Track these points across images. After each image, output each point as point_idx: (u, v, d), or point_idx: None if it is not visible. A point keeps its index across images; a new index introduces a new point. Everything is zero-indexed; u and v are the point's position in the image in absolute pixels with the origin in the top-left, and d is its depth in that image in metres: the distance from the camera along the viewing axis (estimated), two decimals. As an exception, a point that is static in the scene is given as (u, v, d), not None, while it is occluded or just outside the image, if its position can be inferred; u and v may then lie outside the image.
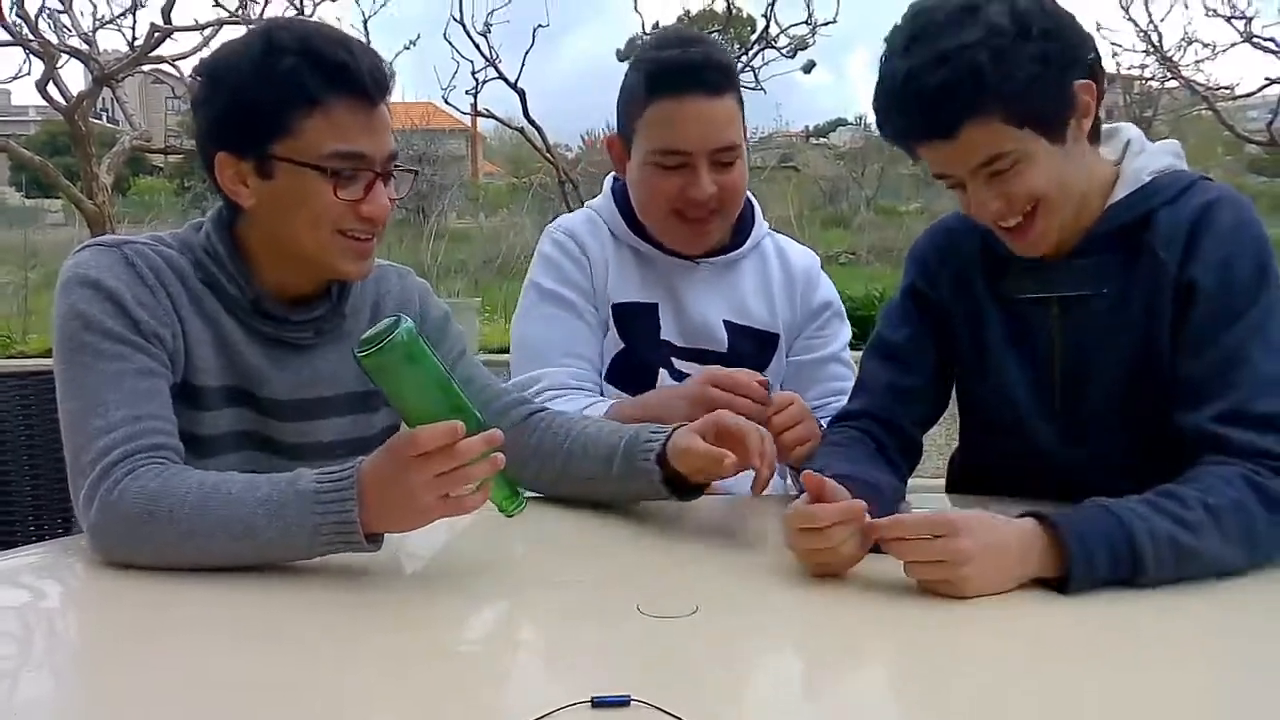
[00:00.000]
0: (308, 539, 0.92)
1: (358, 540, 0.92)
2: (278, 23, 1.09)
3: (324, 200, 1.05)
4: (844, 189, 17.94)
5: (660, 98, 1.34)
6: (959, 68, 0.98)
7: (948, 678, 0.77)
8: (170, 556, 0.94)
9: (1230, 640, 0.85)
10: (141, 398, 1.01)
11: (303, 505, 0.92)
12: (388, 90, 1.07)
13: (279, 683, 0.74)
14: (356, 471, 0.92)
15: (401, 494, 0.90)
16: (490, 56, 6.74)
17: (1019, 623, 0.85)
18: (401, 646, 0.81)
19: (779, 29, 7.39)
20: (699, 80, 1.32)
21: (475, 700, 0.74)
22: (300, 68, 1.02)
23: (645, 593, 0.91)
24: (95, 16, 6.09)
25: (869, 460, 1.15)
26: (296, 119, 1.03)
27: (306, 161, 1.04)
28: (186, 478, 0.96)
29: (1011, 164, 1.02)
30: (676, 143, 1.34)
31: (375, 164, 1.07)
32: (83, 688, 0.75)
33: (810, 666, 0.80)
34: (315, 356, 1.17)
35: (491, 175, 22.29)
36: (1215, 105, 8.23)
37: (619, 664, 0.78)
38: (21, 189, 19.90)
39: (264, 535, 0.92)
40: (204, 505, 0.93)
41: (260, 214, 1.09)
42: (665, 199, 1.38)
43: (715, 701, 0.71)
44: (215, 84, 1.07)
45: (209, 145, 1.08)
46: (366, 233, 1.09)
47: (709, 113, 1.34)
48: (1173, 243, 1.06)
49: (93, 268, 1.05)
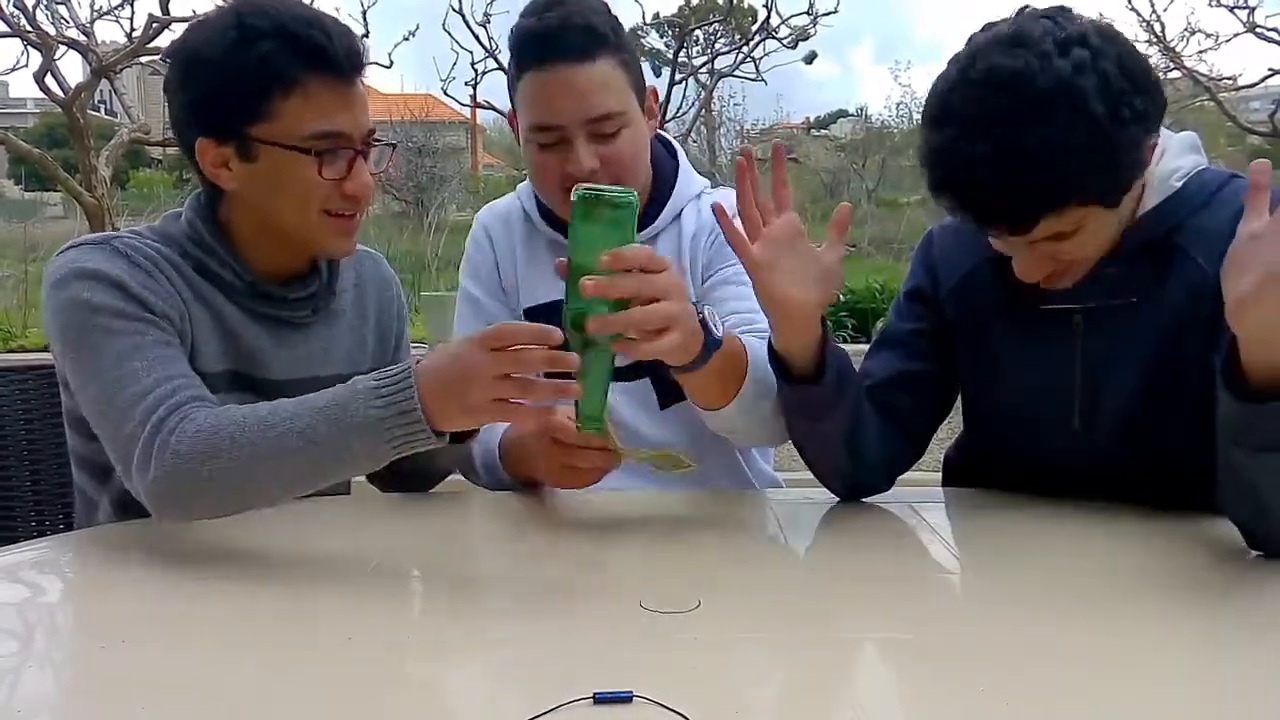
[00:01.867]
0: (372, 435, 0.90)
1: (423, 430, 0.89)
2: (246, 4, 1.06)
3: (309, 180, 1.05)
4: (845, 181, 17.93)
5: (526, 70, 1.25)
6: (1046, 168, 0.90)
7: (953, 673, 0.76)
8: (241, 486, 0.93)
9: (1230, 640, 0.84)
10: (169, 362, 1.01)
11: (362, 402, 0.90)
12: (363, 67, 1.08)
13: (279, 679, 0.74)
14: (412, 364, 0.92)
15: (458, 386, 0.88)
16: (490, 47, 6.74)
17: (1029, 619, 0.85)
18: (402, 643, 0.81)
19: (780, 20, 7.37)
20: (558, 46, 1.21)
21: (477, 696, 0.74)
22: (276, 51, 1.02)
23: (647, 588, 0.91)
24: (93, 8, 6.09)
25: (880, 435, 1.13)
26: (275, 102, 1.03)
27: (289, 144, 1.04)
28: (240, 409, 0.96)
29: (1072, 233, 0.99)
30: (546, 117, 1.24)
31: (355, 141, 1.08)
32: (83, 684, 0.75)
33: (814, 662, 0.79)
34: (311, 335, 1.18)
35: (491, 167, 22.26)
36: (1218, 96, 8.20)
37: (621, 660, 0.78)
38: (20, 182, 19.87)
39: (329, 442, 0.91)
40: (266, 424, 0.93)
41: (244, 196, 1.09)
42: (552, 177, 1.27)
43: (718, 697, 0.71)
44: (189, 69, 1.07)
45: (187, 130, 1.08)
46: (351, 210, 1.09)
47: (576, 81, 1.21)
48: (1213, 249, 1.01)
49: (88, 261, 1.04)
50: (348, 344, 1.23)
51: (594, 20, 1.23)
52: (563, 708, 0.65)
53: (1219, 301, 0.99)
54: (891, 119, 21.44)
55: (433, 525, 1.15)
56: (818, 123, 27.13)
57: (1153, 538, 1.06)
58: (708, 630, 0.83)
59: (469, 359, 0.88)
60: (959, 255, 1.19)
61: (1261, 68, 7.91)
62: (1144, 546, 1.04)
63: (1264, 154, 15.87)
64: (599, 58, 1.22)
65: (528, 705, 0.66)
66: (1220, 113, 8.29)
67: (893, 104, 30.44)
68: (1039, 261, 1.03)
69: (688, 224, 1.37)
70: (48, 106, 7.17)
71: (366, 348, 1.26)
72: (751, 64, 7.63)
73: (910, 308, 1.23)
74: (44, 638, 0.83)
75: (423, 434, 0.90)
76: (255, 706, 0.70)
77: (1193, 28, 8.13)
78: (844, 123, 27.44)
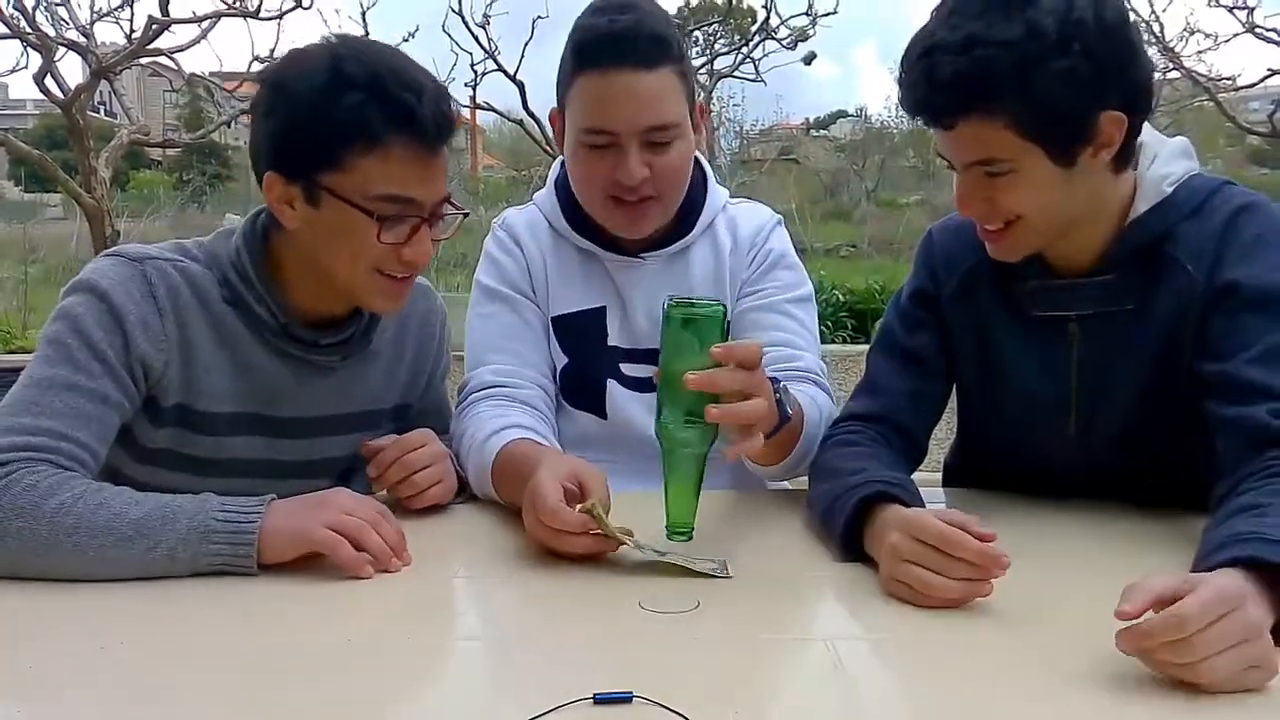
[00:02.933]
0: (199, 543, 0.92)
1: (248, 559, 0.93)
2: (348, 48, 1.03)
3: (365, 240, 1.03)
4: (845, 181, 17.94)
5: (586, 71, 1.21)
6: (979, 62, 0.93)
7: (951, 674, 0.76)
8: (44, 554, 0.91)
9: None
10: (80, 420, 0.99)
11: (205, 513, 0.94)
12: (451, 133, 1.04)
13: (278, 680, 0.74)
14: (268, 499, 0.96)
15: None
16: (489, 48, 6.73)
17: (1029, 619, 0.85)
18: (403, 643, 0.81)
19: (779, 20, 7.37)
20: (628, 52, 1.18)
21: (477, 697, 0.74)
22: (364, 106, 0.99)
23: (647, 589, 0.91)
24: (93, 9, 6.08)
25: (899, 466, 1.11)
26: (352, 155, 1.00)
27: (353, 200, 1.02)
28: (91, 485, 0.95)
29: (1006, 171, 0.99)
30: (603, 121, 1.21)
31: (425, 209, 1.05)
32: (83, 684, 0.75)
33: (813, 662, 0.79)
34: (335, 375, 1.17)
35: (491, 168, 22.25)
36: (1217, 96, 8.20)
37: (621, 661, 0.78)
38: (20, 183, 19.87)
39: (155, 535, 0.91)
40: (99, 504, 0.92)
41: (301, 237, 1.07)
42: (598, 181, 1.26)
43: (717, 698, 0.70)
44: (276, 100, 1.04)
45: (261, 159, 1.06)
46: (405, 273, 1.07)
47: (638, 88, 1.19)
48: (1201, 256, 1.02)
49: (107, 278, 1.04)
50: (374, 382, 1.21)
51: (662, 29, 1.21)
52: (563, 708, 0.65)
53: (1209, 303, 1.00)
54: (891, 119, 21.47)
55: (432, 526, 1.14)
56: (817, 123, 27.17)
57: (1148, 539, 1.06)
58: (707, 630, 0.83)
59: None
60: (958, 254, 1.18)
61: (1260, 68, 7.91)
62: (1140, 548, 1.04)
63: (1263, 154, 15.87)
64: (662, 66, 1.20)
65: (528, 705, 0.65)
66: (1219, 113, 8.28)
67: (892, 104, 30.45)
68: (972, 190, 1.02)
69: (722, 236, 1.37)
70: (47, 108, 7.17)
71: (396, 383, 1.25)
72: (751, 65, 7.64)
73: (914, 312, 1.21)
74: (43, 638, 0.83)
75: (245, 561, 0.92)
76: (255, 707, 0.70)
77: (1192, 28, 8.13)
78: (844, 123, 27.47)
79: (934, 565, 0.85)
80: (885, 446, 1.14)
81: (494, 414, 1.23)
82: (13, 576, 0.92)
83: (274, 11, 5.94)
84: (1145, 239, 1.05)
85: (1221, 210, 1.04)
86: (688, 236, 1.35)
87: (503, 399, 1.27)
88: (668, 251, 1.35)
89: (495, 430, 1.18)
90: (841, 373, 4.02)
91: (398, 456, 1.14)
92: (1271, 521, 0.81)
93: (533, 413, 1.27)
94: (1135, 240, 1.05)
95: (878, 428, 1.16)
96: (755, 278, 1.36)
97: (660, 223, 1.32)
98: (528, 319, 1.34)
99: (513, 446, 1.15)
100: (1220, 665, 0.68)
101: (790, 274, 1.37)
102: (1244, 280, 0.99)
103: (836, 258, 9.25)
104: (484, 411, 1.24)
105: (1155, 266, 1.05)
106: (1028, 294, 1.11)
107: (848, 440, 1.15)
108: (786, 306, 1.34)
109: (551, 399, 1.35)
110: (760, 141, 21.11)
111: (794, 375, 1.25)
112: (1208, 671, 0.68)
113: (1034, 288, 1.10)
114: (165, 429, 1.10)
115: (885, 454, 1.12)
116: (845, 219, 13.60)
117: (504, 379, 1.29)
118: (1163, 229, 1.04)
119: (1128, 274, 1.06)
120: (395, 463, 1.14)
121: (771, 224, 1.40)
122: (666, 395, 0.96)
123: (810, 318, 1.36)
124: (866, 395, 1.21)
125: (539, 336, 1.35)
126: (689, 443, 0.96)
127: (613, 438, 1.33)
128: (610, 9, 1.21)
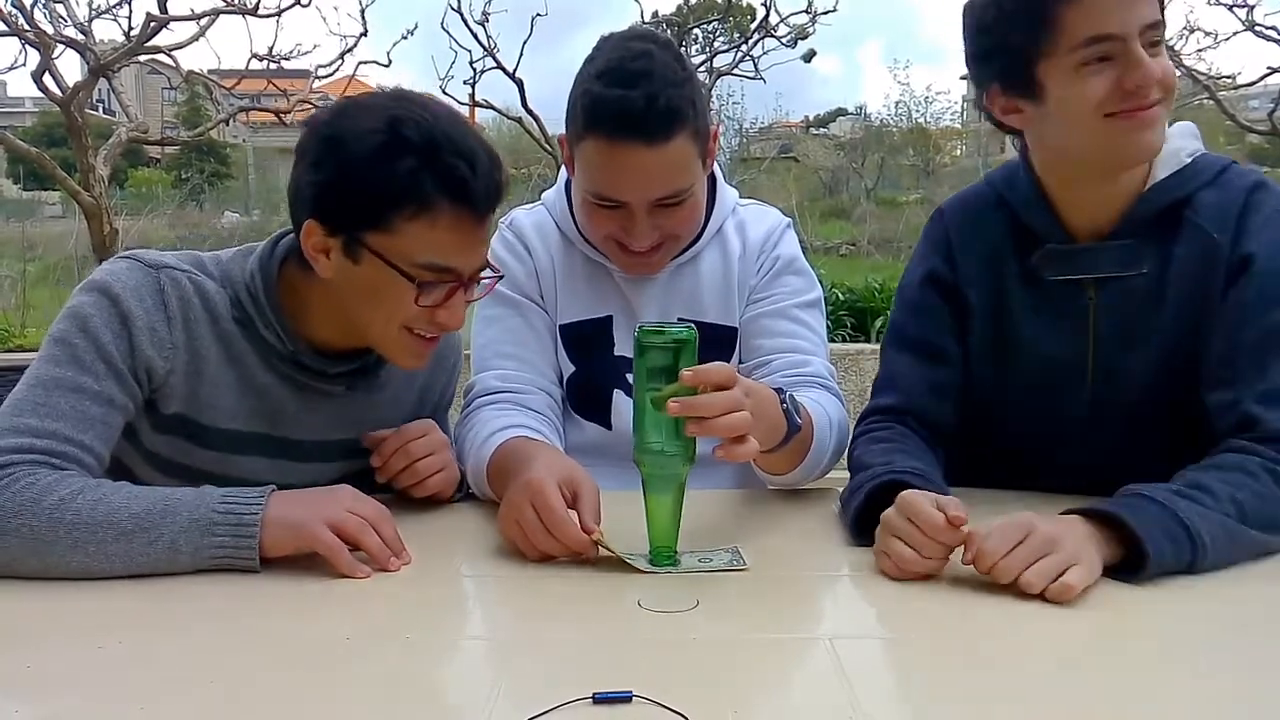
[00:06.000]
0: (201, 534, 0.93)
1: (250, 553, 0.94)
2: (405, 109, 1.00)
3: (402, 302, 1.03)
4: (844, 180, 17.91)
5: (595, 135, 1.17)
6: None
7: (951, 673, 0.76)
8: (44, 551, 0.91)
9: (1232, 639, 0.84)
10: (85, 422, 0.99)
11: (206, 505, 0.95)
12: (499, 203, 1.04)
13: (278, 679, 0.74)
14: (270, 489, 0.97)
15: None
16: (488, 46, 6.70)
17: (1029, 619, 0.85)
18: (403, 642, 0.81)
19: (779, 18, 7.34)
20: (638, 129, 1.13)
21: (477, 696, 0.73)
22: (417, 171, 0.98)
23: (646, 588, 0.91)
24: (91, 7, 6.05)
25: (924, 457, 1.12)
26: (400, 219, 0.99)
27: (396, 264, 1.01)
28: (90, 482, 0.95)
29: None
30: (611, 191, 1.19)
31: (464, 276, 1.05)
32: (83, 684, 0.75)
33: (811, 662, 0.79)
34: (342, 401, 1.17)
35: (490, 166, 22.17)
36: (1217, 94, 8.19)
37: (621, 660, 0.78)
38: (19, 181, 19.84)
39: (158, 529, 0.92)
40: (99, 500, 0.93)
41: (334, 286, 1.06)
42: (606, 230, 1.25)
43: (717, 697, 0.70)
44: (327, 151, 1.01)
45: (302, 205, 1.04)
46: (435, 334, 1.07)
47: (649, 164, 1.16)
48: (1224, 222, 1.05)
49: (120, 282, 1.04)
50: (381, 410, 1.21)
51: (675, 98, 1.14)
52: (562, 707, 0.65)
53: (1230, 271, 1.03)
54: (890, 117, 21.46)
55: (432, 526, 1.14)
56: (817, 121, 27.14)
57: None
58: (707, 630, 0.83)
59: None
60: (975, 229, 1.18)
61: (1260, 66, 7.88)
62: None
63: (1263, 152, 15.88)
64: (675, 138, 1.15)
65: (527, 705, 0.66)
66: (1219, 111, 8.28)
67: (891, 103, 30.43)
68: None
69: (731, 241, 1.36)
70: (46, 105, 7.15)
71: (403, 411, 1.24)
72: (750, 63, 7.61)
73: (924, 299, 1.21)
74: (43, 638, 0.82)
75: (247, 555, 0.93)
76: (255, 706, 0.70)
77: (1191, 26, 8.11)
78: (843, 121, 27.45)
79: (913, 542, 0.91)
80: (912, 438, 1.16)
81: (496, 416, 1.23)
82: (13, 576, 0.92)
83: (273, 9, 5.93)
84: (1166, 201, 1.08)
85: (1238, 183, 1.07)
86: (697, 244, 1.34)
87: (507, 404, 1.27)
88: (676, 261, 1.34)
89: (495, 430, 1.19)
90: (841, 371, 4.02)
91: (399, 445, 1.14)
92: (1166, 493, 0.92)
93: (537, 417, 1.27)
94: (1156, 202, 1.08)
95: (902, 420, 1.18)
96: (764, 283, 1.35)
97: (669, 260, 1.32)
98: (534, 324, 1.33)
99: (509, 443, 1.15)
100: (1033, 574, 0.86)
101: (799, 279, 1.36)
102: (1258, 255, 1.03)
103: (836, 256, 9.26)
104: (486, 415, 1.24)
105: (1174, 231, 1.08)
106: (1045, 257, 1.12)
107: (877, 436, 1.17)
108: (796, 312, 1.34)
109: (558, 405, 1.35)
110: (760, 139, 21.08)
111: (804, 381, 1.26)
112: (1024, 584, 0.86)
113: (1052, 251, 1.12)
114: (165, 436, 1.10)
115: (913, 445, 1.14)
116: (845, 217, 13.59)
117: (509, 384, 1.29)
118: (1183, 194, 1.07)
119: (1146, 238, 1.08)
120: (397, 451, 1.14)
121: (781, 228, 1.40)
122: (643, 422, 0.95)
123: (819, 322, 1.37)
124: (886, 389, 1.22)
125: (545, 342, 1.34)
126: (668, 467, 0.96)
127: (619, 448, 1.33)
128: (620, 79, 1.14)
